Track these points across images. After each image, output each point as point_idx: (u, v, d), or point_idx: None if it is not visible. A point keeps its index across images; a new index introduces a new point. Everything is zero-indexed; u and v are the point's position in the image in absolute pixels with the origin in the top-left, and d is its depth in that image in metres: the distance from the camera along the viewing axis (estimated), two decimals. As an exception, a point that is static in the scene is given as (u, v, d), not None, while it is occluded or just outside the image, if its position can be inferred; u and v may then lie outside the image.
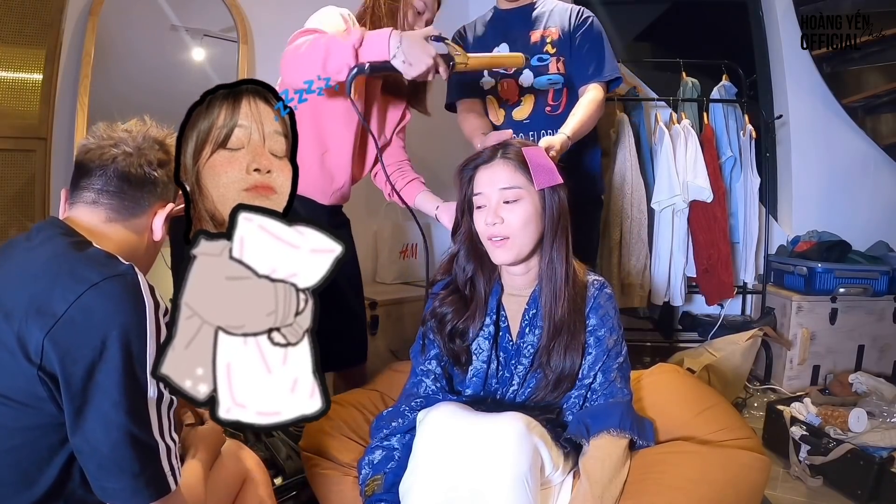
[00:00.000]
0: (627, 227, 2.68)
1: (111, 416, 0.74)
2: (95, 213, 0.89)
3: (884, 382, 2.09)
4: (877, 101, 2.93)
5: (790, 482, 1.76)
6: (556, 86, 1.70)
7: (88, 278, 0.76)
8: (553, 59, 1.69)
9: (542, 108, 1.71)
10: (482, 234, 1.18)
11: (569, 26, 1.68)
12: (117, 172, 0.88)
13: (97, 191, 0.88)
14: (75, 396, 0.73)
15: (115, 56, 2.04)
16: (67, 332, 0.73)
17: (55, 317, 0.73)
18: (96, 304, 0.75)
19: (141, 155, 0.90)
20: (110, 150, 0.89)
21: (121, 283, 0.78)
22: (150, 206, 0.92)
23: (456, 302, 1.23)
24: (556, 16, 1.71)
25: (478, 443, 0.97)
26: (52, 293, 0.75)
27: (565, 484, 1.09)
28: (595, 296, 1.22)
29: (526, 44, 1.71)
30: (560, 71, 1.69)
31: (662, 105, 2.92)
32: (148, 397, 0.77)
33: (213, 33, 2.28)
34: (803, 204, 2.96)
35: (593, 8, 3.07)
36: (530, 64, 1.69)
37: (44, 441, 0.77)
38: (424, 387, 1.23)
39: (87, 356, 0.73)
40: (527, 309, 1.22)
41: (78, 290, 0.75)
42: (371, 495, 1.10)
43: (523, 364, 1.21)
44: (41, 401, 0.75)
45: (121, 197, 0.89)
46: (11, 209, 1.80)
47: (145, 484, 0.76)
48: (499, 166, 1.18)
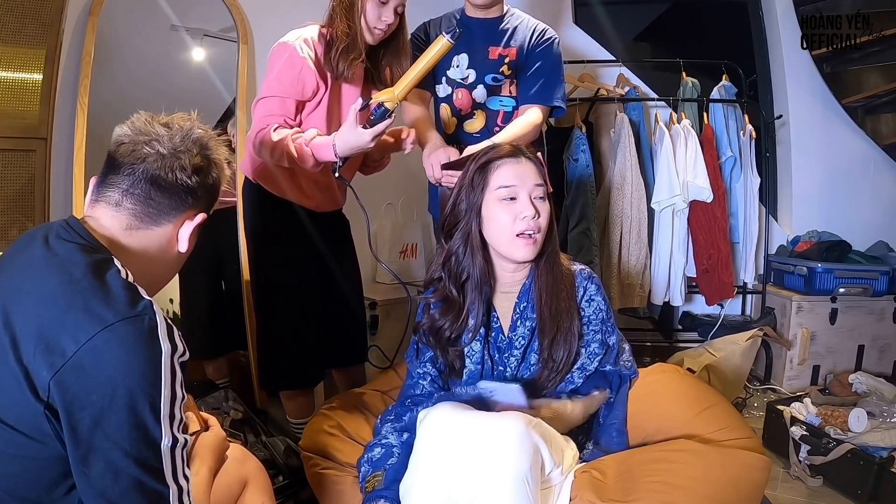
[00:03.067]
0: (627, 227, 2.68)
1: (120, 464, 0.69)
2: (116, 218, 0.82)
3: (884, 382, 2.09)
4: (877, 101, 2.93)
5: (790, 482, 1.76)
6: (506, 108, 1.69)
7: (102, 318, 0.70)
8: (507, 82, 1.67)
9: (492, 126, 1.70)
10: (509, 230, 1.17)
11: (527, 45, 1.65)
12: (146, 175, 0.80)
13: (122, 191, 0.81)
14: (81, 443, 0.69)
15: (115, 56, 2.04)
16: (75, 376, 0.68)
17: (64, 357, 0.68)
18: (108, 349, 0.69)
19: (175, 158, 0.82)
20: (143, 147, 0.81)
21: (137, 326, 0.71)
22: (179, 215, 0.84)
23: (447, 311, 1.23)
24: (518, 34, 1.67)
25: (478, 442, 0.97)
26: (63, 328, 0.69)
27: (565, 484, 1.09)
28: (585, 286, 1.24)
29: (484, 59, 1.68)
30: (512, 94, 1.68)
31: (662, 105, 2.92)
32: (161, 447, 0.72)
33: (213, 33, 2.28)
34: (803, 204, 2.96)
35: (593, 8, 3.10)
36: (484, 80, 1.68)
37: (44, 473, 0.73)
38: (421, 388, 1.24)
39: (95, 403, 0.68)
40: (517, 303, 1.23)
41: (90, 332, 0.69)
42: (371, 491, 1.11)
43: (515, 356, 1.22)
44: (47, 437, 0.71)
45: (146, 203, 0.81)
46: (11, 209, 1.80)
47: None
48: (527, 164, 1.20)
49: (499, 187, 1.18)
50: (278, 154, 1.42)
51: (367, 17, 1.46)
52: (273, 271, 1.62)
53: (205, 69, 2.28)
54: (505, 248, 1.19)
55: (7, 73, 1.79)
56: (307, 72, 1.46)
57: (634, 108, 2.82)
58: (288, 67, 1.45)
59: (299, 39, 1.47)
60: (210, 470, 0.94)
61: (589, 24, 3.03)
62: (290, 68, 1.45)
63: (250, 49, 2.29)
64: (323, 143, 1.43)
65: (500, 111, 1.70)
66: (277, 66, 1.46)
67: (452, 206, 1.24)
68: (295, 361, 1.63)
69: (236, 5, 2.27)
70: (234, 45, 2.27)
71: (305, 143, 1.42)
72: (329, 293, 1.68)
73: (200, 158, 0.84)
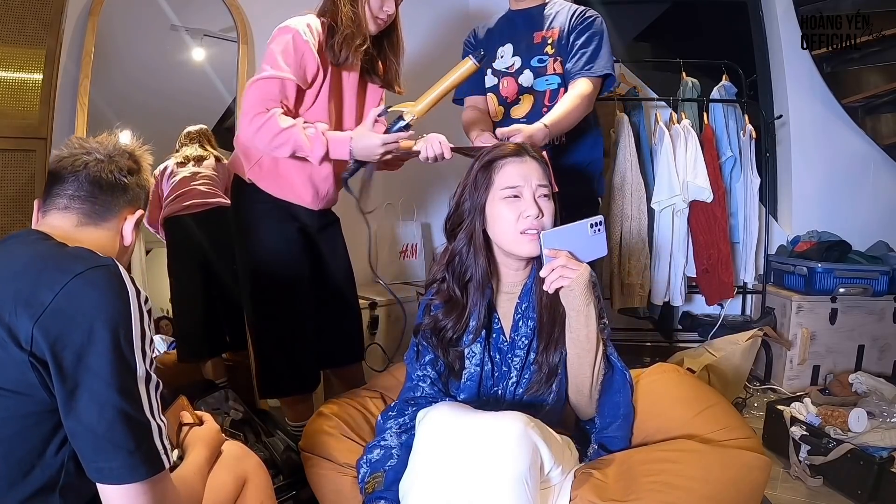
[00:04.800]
0: (627, 227, 2.68)
1: (104, 395, 0.75)
2: (67, 218, 0.91)
3: (884, 382, 2.09)
4: (877, 101, 2.93)
5: (790, 482, 1.76)
6: (552, 86, 1.71)
7: (72, 269, 0.79)
8: (551, 60, 1.70)
9: (540, 107, 1.72)
10: (513, 227, 1.17)
11: (569, 24, 1.69)
12: (89, 178, 0.92)
13: (69, 196, 0.92)
14: (67, 380, 0.75)
15: (115, 56, 2.04)
16: (56, 319, 0.75)
17: (43, 306, 0.75)
18: (82, 292, 0.77)
19: (112, 162, 0.94)
20: (82, 157, 0.93)
21: (104, 272, 0.81)
22: (121, 210, 0.95)
23: (450, 311, 1.23)
24: (560, 16, 1.72)
25: (477, 442, 0.97)
26: (39, 285, 0.77)
27: (565, 484, 1.09)
28: None
29: (529, 44, 1.73)
30: (557, 71, 1.70)
31: (662, 105, 2.92)
32: (137, 376, 0.79)
33: (213, 33, 2.28)
34: (803, 204, 2.96)
35: (594, 8, 3.09)
36: (530, 65, 1.71)
37: (35, 431, 0.78)
38: (421, 390, 1.24)
39: (76, 341, 0.75)
40: (518, 303, 1.23)
41: (63, 280, 0.77)
42: (371, 492, 1.11)
43: (518, 356, 1.21)
44: (32, 387, 0.76)
45: (92, 201, 0.92)
46: (11, 209, 1.79)
47: (141, 460, 0.77)
48: (531, 163, 1.20)
49: (504, 186, 1.18)
50: (280, 142, 1.39)
51: (371, 5, 1.47)
52: (268, 274, 1.57)
53: (205, 69, 2.28)
54: (509, 244, 1.19)
55: (7, 73, 1.79)
56: (309, 56, 1.45)
57: (634, 108, 2.83)
58: (291, 50, 1.43)
59: (302, 24, 1.46)
60: (205, 458, 0.99)
61: (589, 24, 3.03)
62: (293, 51, 1.43)
63: (250, 49, 2.29)
64: (339, 138, 1.43)
65: (546, 91, 1.72)
66: (280, 49, 1.44)
67: (456, 206, 1.24)
68: (294, 369, 1.61)
69: (236, 5, 2.27)
70: (234, 45, 2.27)
71: (321, 133, 1.41)
72: (324, 290, 1.67)
73: (131, 162, 0.98)
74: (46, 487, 0.79)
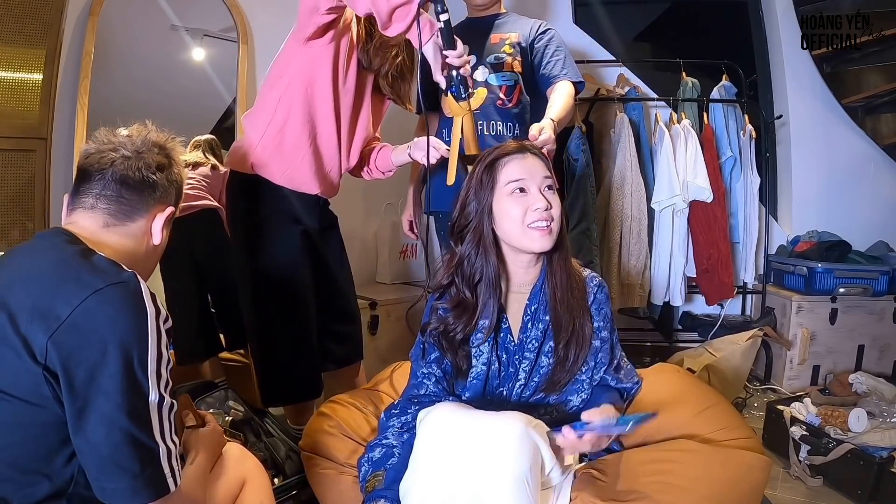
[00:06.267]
0: (627, 227, 2.68)
1: (112, 417, 0.74)
2: (93, 219, 0.90)
3: (884, 382, 2.09)
4: (877, 101, 2.93)
5: (790, 482, 1.76)
6: (508, 83, 1.80)
7: (92, 284, 0.77)
8: (509, 58, 1.80)
9: (493, 101, 1.80)
10: (521, 221, 1.16)
11: (529, 35, 1.83)
12: (115, 176, 0.90)
13: (96, 195, 0.90)
14: (77, 397, 0.74)
15: (115, 56, 2.04)
16: (70, 335, 0.74)
17: (59, 320, 0.74)
18: (99, 309, 0.76)
19: (140, 158, 0.91)
20: (109, 154, 0.90)
21: (123, 289, 0.79)
22: (150, 209, 0.93)
23: (461, 313, 1.22)
24: (518, 25, 1.87)
25: (478, 442, 0.97)
26: (57, 297, 0.76)
27: (565, 484, 1.09)
28: (595, 294, 1.24)
29: (486, 44, 1.83)
30: (516, 69, 1.81)
31: (662, 105, 2.92)
32: (149, 401, 0.78)
33: (213, 33, 2.28)
34: (803, 204, 2.97)
35: (593, 8, 3.10)
36: (485, 63, 1.81)
37: (43, 440, 0.77)
38: (426, 388, 1.23)
39: (89, 359, 0.74)
40: (528, 304, 1.22)
41: (81, 296, 0.76)
42: (372, 491, 1.11)
43: (528, 359, 1.21)
44: (46, 400, 0.75)
45: (118, 201, 0.90)
46: (11, 209, 1.80)
47: (144, 484, 0.76)
48: (533, 159, 1.20)
49: (508, 182, 1.18)
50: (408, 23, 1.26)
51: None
52: (273, 283, 1.54)
53: (205, 69, 2.29)
54: (518, 240, 1.17)
55: (7, 73, 1.79)
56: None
57: (634, 108, 2.82)
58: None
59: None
60: (207, 459, 0.98)
61: (589, 24, 3.04)
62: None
63: (250, 49, 2.29)
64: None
65: (502, 86, 1.80)
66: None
67: (461, 209, 1.23)
68: (300, 376, 1.60)
69: (236, 5, 2.27)
70: (234, 45, 2.27)
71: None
72: (326, 293, 1.66)
73: (162, 156, 0.94)
74: (56, 494, 0.79)
